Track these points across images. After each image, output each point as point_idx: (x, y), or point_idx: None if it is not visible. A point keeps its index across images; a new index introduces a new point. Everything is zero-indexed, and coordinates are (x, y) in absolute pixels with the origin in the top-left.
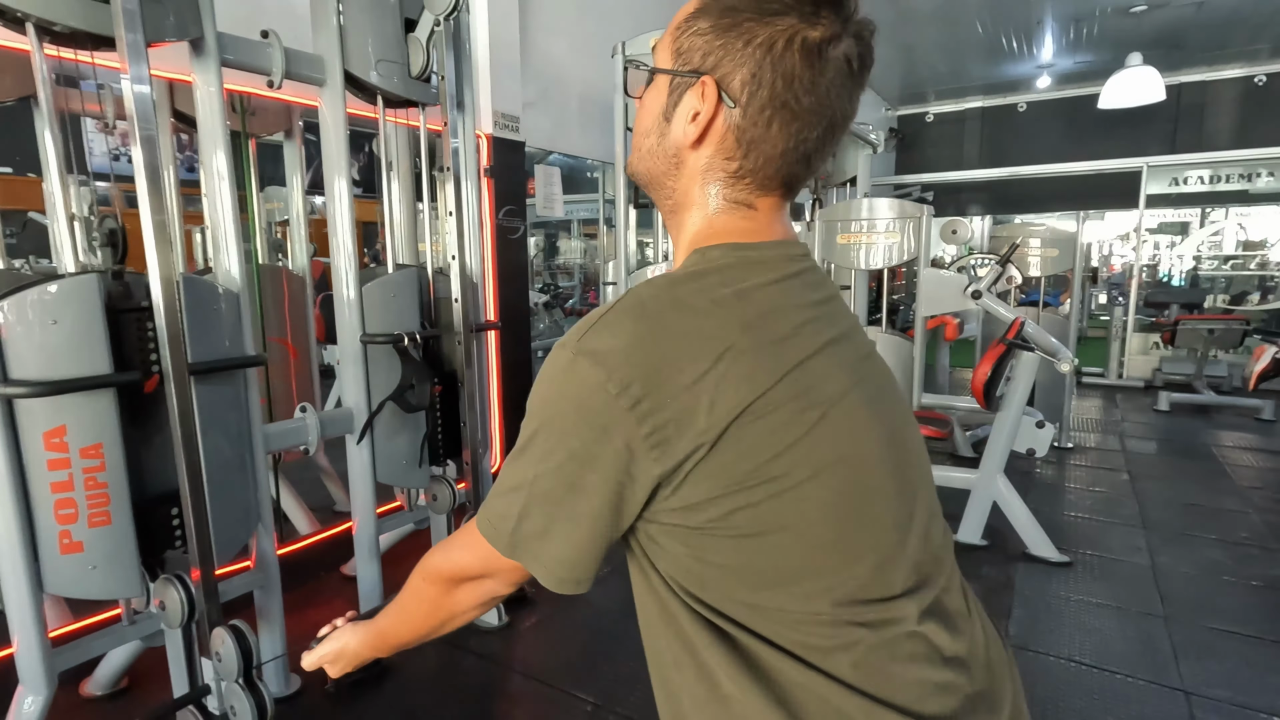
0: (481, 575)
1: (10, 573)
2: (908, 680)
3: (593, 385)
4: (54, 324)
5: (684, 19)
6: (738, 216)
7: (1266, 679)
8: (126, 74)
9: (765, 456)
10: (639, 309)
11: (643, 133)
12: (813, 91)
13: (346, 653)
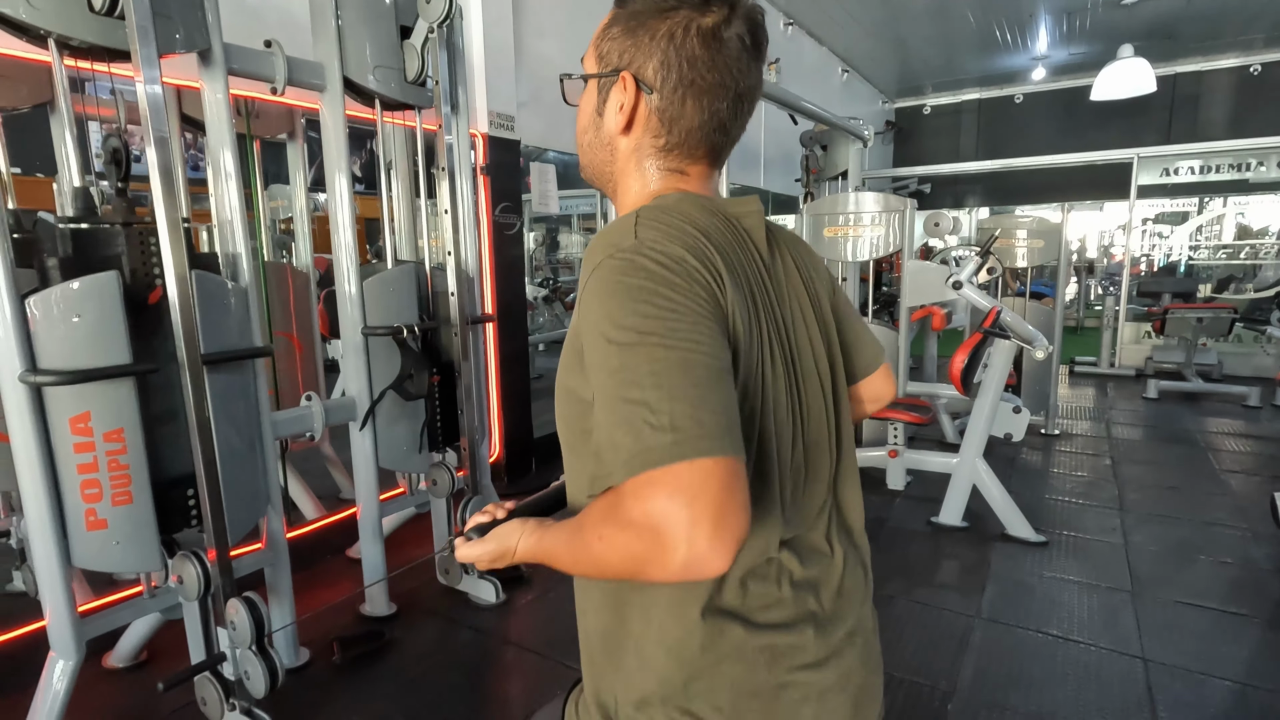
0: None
1: (42, 548)
2: (753, 594)
3: (653, 256)
4: (77, 319)
5: (601, 30)
6: (674, 180)
7: (1223, 648)
8: (140, 81)
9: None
10: (638, 216)
11: (582, 131)
12: (714, 69)
13: (508, 551)
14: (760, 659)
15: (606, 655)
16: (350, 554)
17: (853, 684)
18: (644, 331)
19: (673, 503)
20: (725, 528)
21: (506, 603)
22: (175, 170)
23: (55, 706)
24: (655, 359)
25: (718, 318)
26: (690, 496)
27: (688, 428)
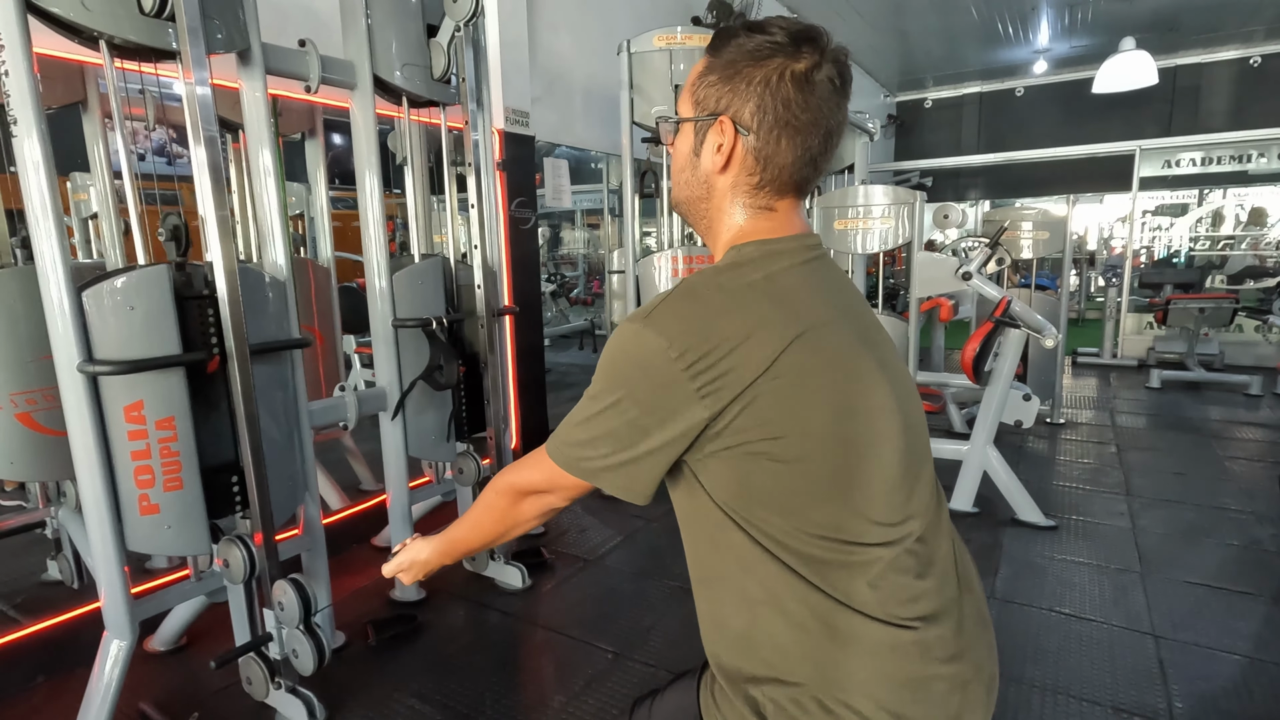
0: (546, 490)
1: (98, 532)
2: (884, 592)
3: (656, 350)
4: (131, 310)
5: (696, 77)
6: (762, 218)
7: (1230, 624)
8: (190, 81)
9: (790, 403)
10: (691, 293)
11: (678, 169)
12: (807, 109)
13: (419, 560)
14: (913, 651)
15: (748, 652)
16: (375, 542)
17: (984, 673)
18: (606, 390)
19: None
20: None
21: (532, 587)
22: (221, 166)
23: (112, 684)
24: (602, 409)
25: (675, 405)
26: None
27: (576, 450)
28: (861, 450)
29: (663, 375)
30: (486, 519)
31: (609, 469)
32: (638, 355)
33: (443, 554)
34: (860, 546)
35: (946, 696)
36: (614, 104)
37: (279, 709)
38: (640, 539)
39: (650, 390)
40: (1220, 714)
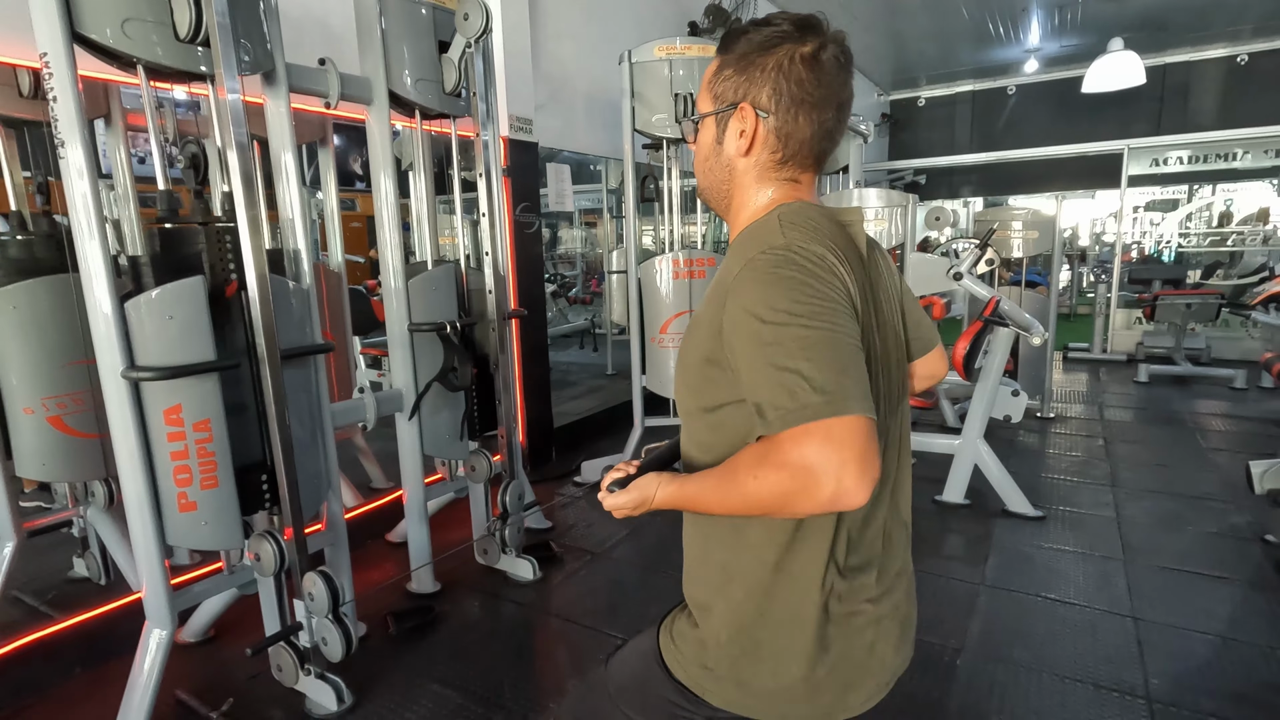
0: (834, 469)
1: (140, 527)
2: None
3: (798, 254)
4: (170, 319)
5: (712, 74)
6: (788, 188)
7: (1206, 606)
8: (224, 98)
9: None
10: (793, 225)
11: (702, 159)
12: (820, 85)
13: (648, 499)
14: (843, 593)
15: (723, 582)
16: (389, 538)
17: (900, 613)
18: (795, 314)
19: (825, 449)
20: (868, 470)
21: (543, 579)
22: (253, 174)
23: (154, 671)
24: (805, 336)
25: (850, 305)
26: (839, 445)
27: (835, 391)
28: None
29: (818, 270)
30: (746, 496)
31: (852, 386)
32: (803, 264)
33: (674, 500)
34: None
35: (864, 629)
36: (615, 110)
37: (308, 694)
38: (645, 534)
39: (817, 285)
40: (1193, 690)
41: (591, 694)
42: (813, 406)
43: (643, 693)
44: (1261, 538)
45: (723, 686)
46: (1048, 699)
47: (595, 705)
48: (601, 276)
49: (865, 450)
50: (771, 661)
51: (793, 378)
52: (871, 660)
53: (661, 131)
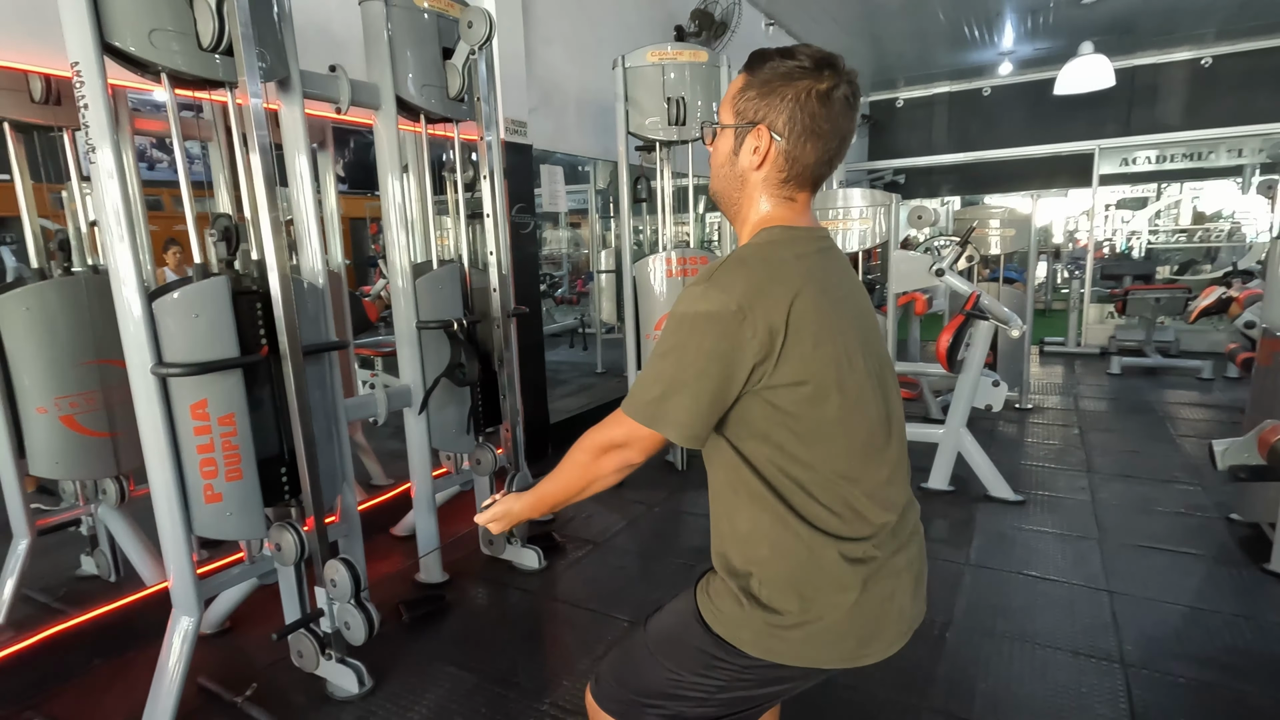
0: (624, 444)
1: (168, 518)
2: (849, 517)
3: (719, 305)
4: (196, 317)
5: (737, 91)
6: (785, 207)
7: (1175, 580)
8: (247, 105)
9: (808, 359)
10: (743, 262)
11: (718, 165)
12: (828, 120)
13: (511, 512)
14: (867, 550)
15: (751, 544)
16: (394, 532)
17: (914, 568)
18: (677, 340)
19: (624, 435)
20: (619, 463)
21: (548, 568)
22: (275, 177)
23: (182, 658)
24: (673, 361)
25: (737, 346)
26: (634, 436)
27: (660, 411)
28: (851, 407)
29: (722, 326)
30: (573, 475)
31: (677, 414)
32: (705, 310)
33: (532, 506)
34: (842, 479)
35: (884, 580)
36: (605, 113)
37: (329, 678)
38: (643, 523)
39: (715, 339)
40: (1164, 655)
41: (633, 652)
42: (642, 414)
43: (681, 646)
44: (1226, 516)
45: (757, 636)
46: (1030, 666)
47: (637, 661)
48: (589, 276)
49: (652, 448)
50: (801, 612)
51: (651, 385)
52: (891, 609)
53: (654, 134)
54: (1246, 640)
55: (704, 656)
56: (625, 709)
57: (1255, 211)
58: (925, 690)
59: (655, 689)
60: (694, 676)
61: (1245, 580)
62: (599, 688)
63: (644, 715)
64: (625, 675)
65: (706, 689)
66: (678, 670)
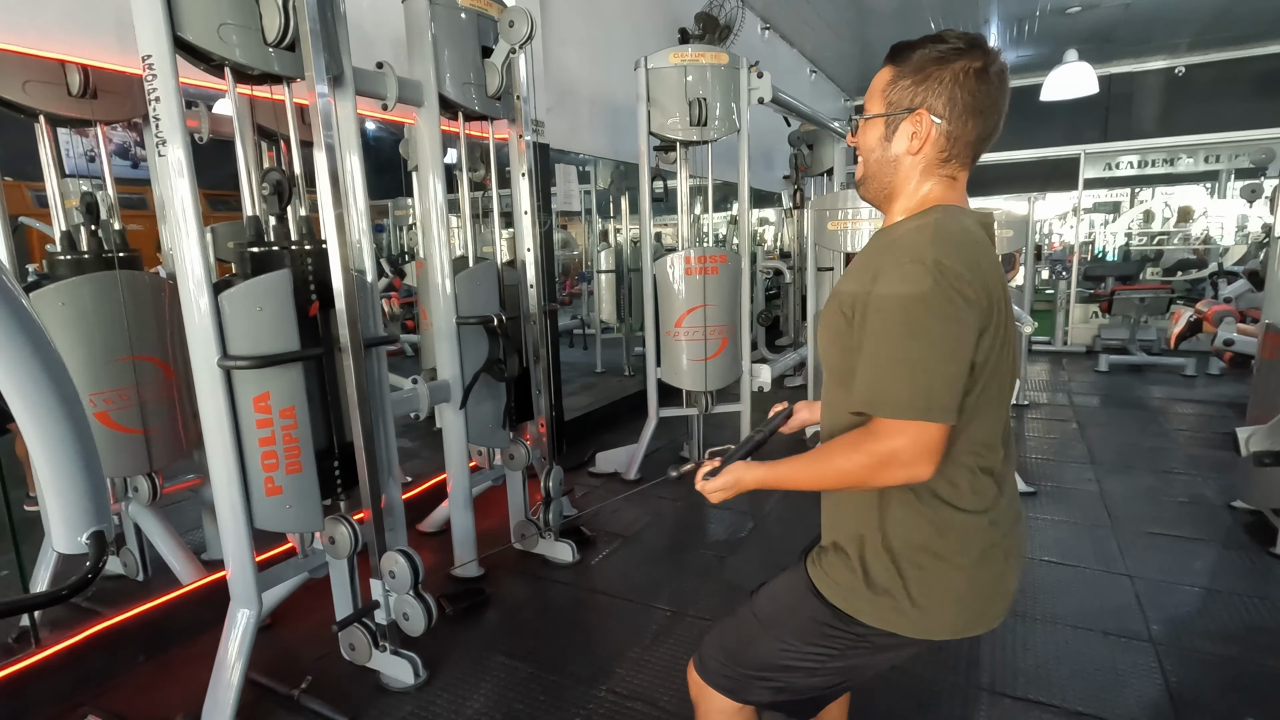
0: (911, 459)
1: (229, 511)
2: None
3: (945, 279)
4: (260, 310)
5: (886, 83)
6: (945, 186)
7: (1189, 563)
8: (314, 101)
9: (997, 330)
10: (945, 239)
11: (868, 151)
12: (988, 95)
13: (741, 482)
14: (985, 526)
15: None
16: (420, 528)
17: (1020, 550)
18: (920, 324)
19: (914, 446)
20: (934, 464)
21: (581, 561)
22: (341, 172)
23: (242, 650)
24: (924, 345)
25: (972, 319)
26: (922, 448)
27: (934, 403)
28: (1007, 379)
29: (956, 298)
30: (840, 474)
31: (943, 399)
32: (932, 287)
33: (765, 481)
34: (971, 457)
35: (997, 560)
36: (618, 113)
37: (382, 670)
38: (668, 517)
39: (957, 310)
40: (1189, 633)
41: (740, 628)
42: (910, 407)
43: (796, 617)
44: (1229, 504)
45: (875, 606)
46: (1065, 646)
47: (747, 636)
48: (583, 277)
49: (937, 450)
50: (921, 585)
51: (905, 375)
52: (1001, 587)
53: (674, 134)
54: (1263, 618)
55: (819, 627)
56: (734, 684)
57: (1230, 215)
58: (970, 671)
59: (767, 662)
60: (808, 647)
61: (1254, 563)
62: (704, 665)
63: (753, 688)
64: (733, 650)
65: (819, 658)
66: (791, 642)
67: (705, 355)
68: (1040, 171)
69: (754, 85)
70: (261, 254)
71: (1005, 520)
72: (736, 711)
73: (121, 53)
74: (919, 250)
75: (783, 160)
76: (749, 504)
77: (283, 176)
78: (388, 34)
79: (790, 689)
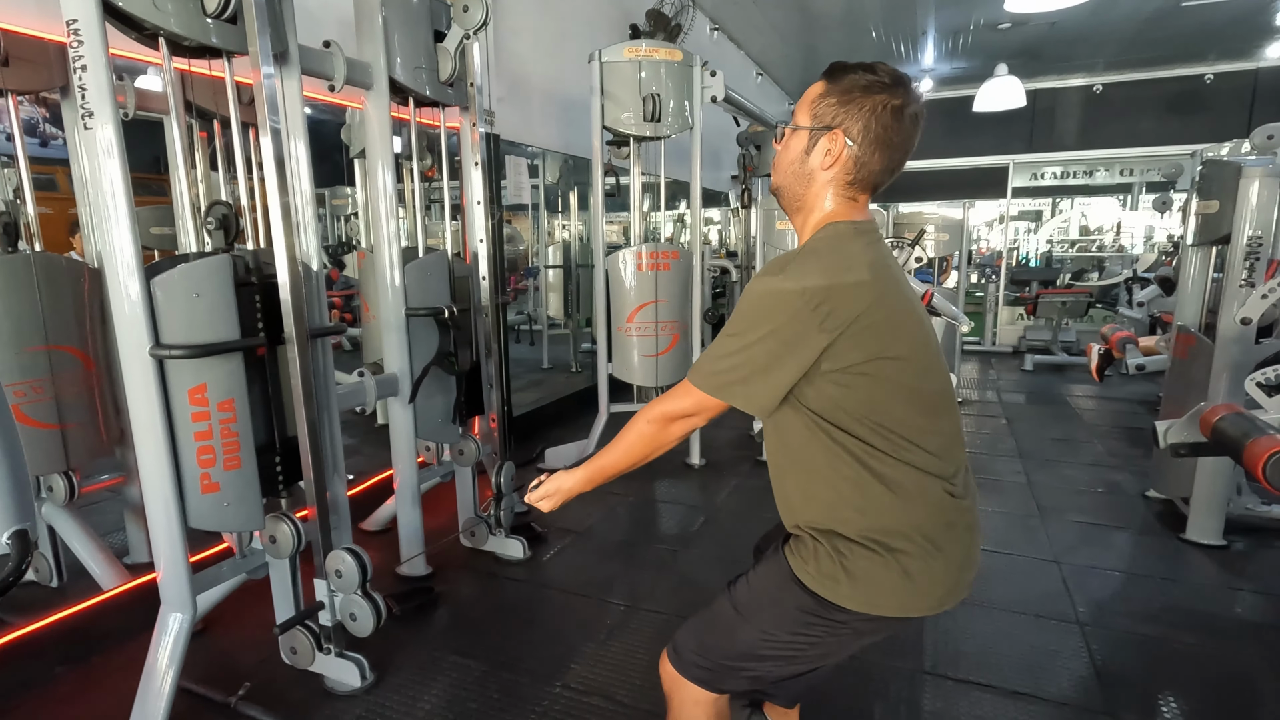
0: (692, 414)
1: (161, 510)
2: (928, 468)
3: (791, 294)
4: (197, 297)
5: (816, 96)
6: (848, 205)
7: (1110, 549)
8: (258, 82)
9: (880, 337)
10: (815, 253)
11: (787, 162)
12: (900, 133)
13: (564, 488)
14: (948, 511)
15: (831, 513)
16: (363, 526)
17: (978, 527)
18: (749, 326)
19: (691, 406)
20: (683, 427)
21: (532, 558)
22: (284, 158)
23: (175, 656)
24: (744, 342)
25: (804, 334)
26: (700, 407)
27: (719, 377)
28: (922, 373)
29: (793, 311)
30: (637, 444)
31: (747, 388)
32: (777, 296)
33: (588, 480)
34: (912, 441)
35: (962, 535)
36: (570, 107)
37: (326, 674)
38: (620, 512)
39: (787, 321)
40: (1113, 614)
41: (717, 619)
42: (700, 376)
43: (777, 606)
44: (1143, 494)
45: (855, 589)
46: (1002, 629)
47: (724, 627)
48: (527, 272)
49: (696, 419)
50: (898, 567)
51: (720, 355)
52: (968, 562)
53: (628, 129)
54: (1176, 598)
55: (801, 615)
56: (711, 674)
57: (1140, 225)
58: (915, 656)
59: (745, 651)
60: (788, 635)
61: (1167, 548)
62: (679, 657)
63: (729, 678)
64: (710, 641)
65: (799, 646)
66: (773, 631)
67: (657, 351)
68: (973, 179)
69: (707, 83)
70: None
71: (965, 494)
72: (712, 701)
73: (40, 16)
74: (782, 262)
75: (730, 160)
76: (700, 498)
77: (229, 210)
78: (334, 13)
79: (767, 677)
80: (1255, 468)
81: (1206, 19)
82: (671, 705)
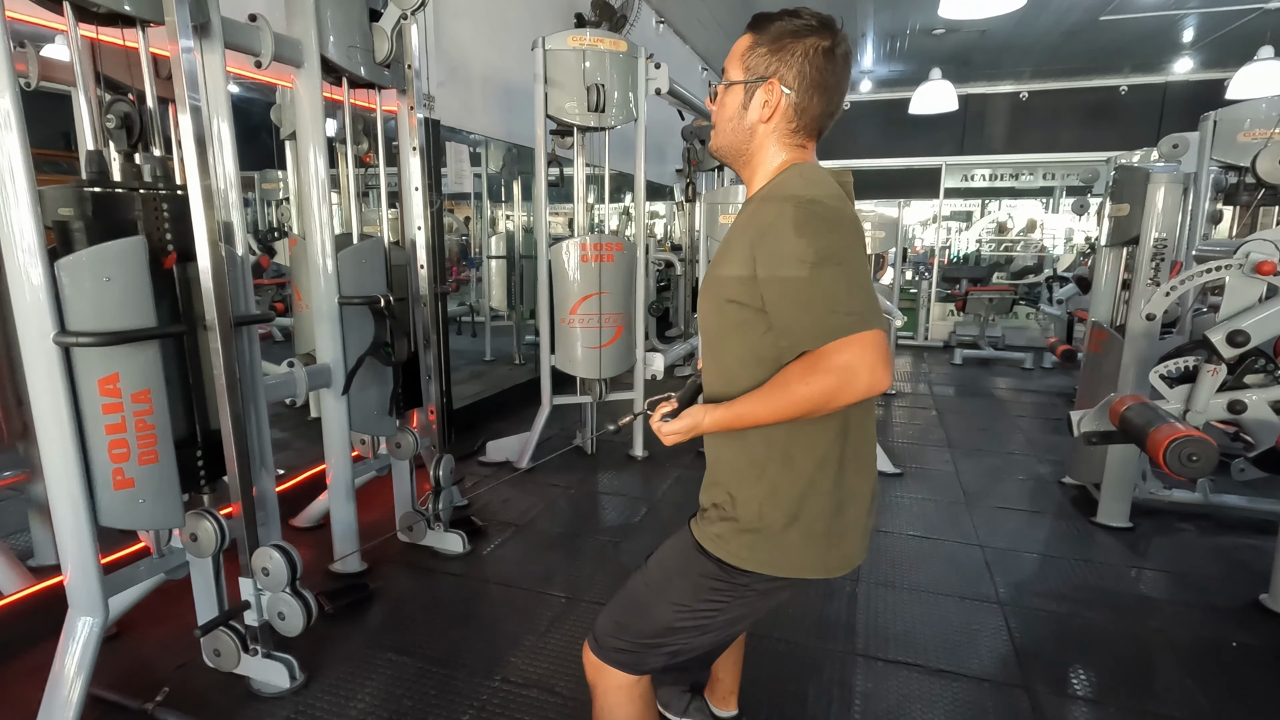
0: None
1: (68, 507)
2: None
3: (832, 205)
4: (107, 281)
5: (745, 49)
6: (797, 153)
7: (1029, 534)
8: (177, 53)
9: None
10: (810, 180)
11: (725, 119)
12: (833, 74)
13: (701, 425)
14: (847, 476)
15: (753, 478)
16: (294, 523)
17: (873, 491)
18: (830, 254)
19: (863, 353)
20: (889, 364)
21: (472, 552)
22: (206, 137)
23: (85, 663)
24: (837, 271)
25: (862, 243)
26: (871, 349)
27: (863, 312)
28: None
29: (849, 220)
30: (801, 398)
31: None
32: (829, 213)
33: (726, 423)
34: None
35: (859, 499)
36: (513, 94)
37: (253, 675)
38: (560, 505)
39: (856, 236)
40: (1030, 593)
41: (633, 599)
42: (849, 323)
43: (684, 576)
44: (1059, 480)
45: (756, 553)
46: (928, 611)
47: (640, 605)
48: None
49: (886, 351)
50: (800, 529)
51: (831, 302)
52: (861, 524)
53: (571, 119)
54: (1086, 578)
55: (707, 582)
56: (632, 656)
57: (1061, 227)
58: (847, 639)
59: (661, 626)
60: (699, 604)
61: (1079, 531)
62: (600, 645)
63: (649, 655)
64: (627, 622)
65: (709, 614)
66: (683, 601)
67: (600, 343)
68: (907, 179)
69: (651, 75)
70: (105, 196)
71: (867, 468)
72: (634, 684)
73: None
74: (792, 191)
75: (675, 154)
76: (642, 489)
77: (131, 108)
78: None
79: (684, 650)
80: (1157, 454)
81: (1121, 34)
82: (595, 693)
